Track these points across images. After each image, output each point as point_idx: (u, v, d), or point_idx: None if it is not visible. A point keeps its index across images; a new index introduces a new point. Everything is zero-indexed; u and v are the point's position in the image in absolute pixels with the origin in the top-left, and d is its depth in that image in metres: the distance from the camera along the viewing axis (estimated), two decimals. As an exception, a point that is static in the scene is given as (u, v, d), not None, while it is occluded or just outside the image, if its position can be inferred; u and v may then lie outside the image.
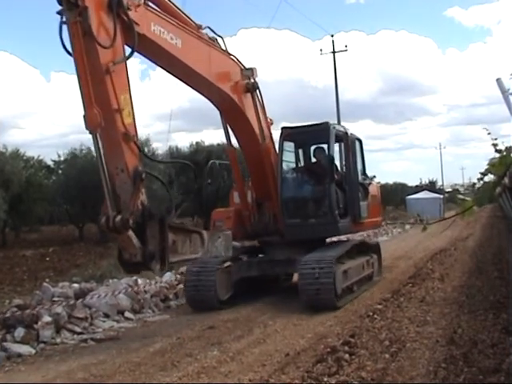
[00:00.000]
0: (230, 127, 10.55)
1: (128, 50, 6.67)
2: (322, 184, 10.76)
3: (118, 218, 6.02)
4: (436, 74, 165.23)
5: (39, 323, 8.27)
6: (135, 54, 6.82)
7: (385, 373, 5.88)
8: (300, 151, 12.65)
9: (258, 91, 10.21)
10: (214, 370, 6.53)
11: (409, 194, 56.36)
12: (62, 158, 27.48)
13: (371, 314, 8.82)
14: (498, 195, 10.56)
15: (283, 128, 11.12)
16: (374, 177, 14.23)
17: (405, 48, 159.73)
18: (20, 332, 8.03)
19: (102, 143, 6.14)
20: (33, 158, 28.23)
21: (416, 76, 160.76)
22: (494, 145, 5.22)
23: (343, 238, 12.40)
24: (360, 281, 11.26)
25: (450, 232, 24.65)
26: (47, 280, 12.96)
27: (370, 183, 12.39)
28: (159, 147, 27.68)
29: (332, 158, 10.71)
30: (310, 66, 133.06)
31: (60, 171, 28.05)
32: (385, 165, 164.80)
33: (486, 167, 5.16)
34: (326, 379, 5.77)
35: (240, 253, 11.29)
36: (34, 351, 7.82)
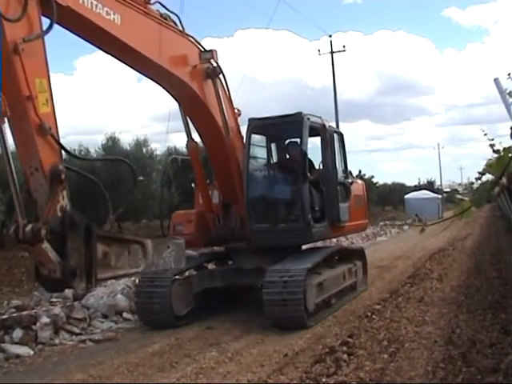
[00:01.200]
0: (190, 119, 9.34)
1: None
2: (295, 184, 9.30)
3: (29, 227, 4.93)
4: (434, 74, 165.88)
5: (38, 324, 8.26)
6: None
7: (383, 373, 5.89)
8: (273, 146, 11.31)
9: (221, 77, 8.87)
10: (213, 370, 6.52)
11: (407, 194, 56.34)
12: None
13: (369, 314, 8.82)
14: (497, 195, 10.58)
15: (250, 119, 9.61)
16: (361, 176, 13.55)
17: (402, 48, 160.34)
18: (18, 333, 8.02)
19: (13, 137, 5.21)
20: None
21: (414, 76, 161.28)
22: (491, 145, 5.22)
23: (322, 243, 11.39)
24: (340, 293, 10.01)
25: (448, 232, 24.66)
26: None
27: (352, 182, 10.95)
28: (157, 148, 27.67)
29: (305, 154, 9.11)
30: (308, 67, 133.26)
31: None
32: (383, 165, 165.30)
33: (484, 167, 5.17)
34: (324, 380, 5.77)
35: (204, 261, 10.26)
36: (32, 352, 7.79)
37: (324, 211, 9.65)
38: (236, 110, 9.68)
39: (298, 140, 9.61)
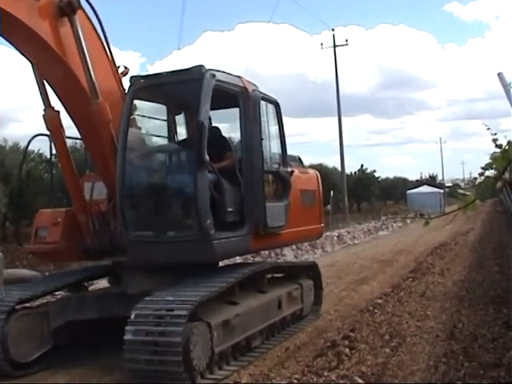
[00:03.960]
0: (45, 79, 6.70)
1: None
2: (190, 173, 6.22)
3: None
4: (435, 68, 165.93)
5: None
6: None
7: (385, 367, 5.88)
8: (181, 118, 8.29)
9: (93, 16, 6.44)
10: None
11: (409, 189, 56.39)
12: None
13: (371, 308, 8.81)
14: (499, 190, 10.54)
15: (132, 78, 6.69)
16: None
17: (404, 42, 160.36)
18: None
19: None
20: (33, 151, 28.20)
21: (415, 70, 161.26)
22: (494, 140, 5.20)
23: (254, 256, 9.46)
24: (270, 328, 7.25)
25: (450, 226, 24.60)
26: (47, 274, 12.93)
27: (292, 172, 7.60)
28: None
29: (201, 127, 5.96)
30: (310, 61, 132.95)
31: (60, 165, 27.93)
32: (385, 159, 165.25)
33: (488, 161, 5.15)
34: (326, 373, 5.76)
35: (82, 278, 7.53)
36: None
37: (243, 213, 6.75)
38: (122, 68, 7.10)
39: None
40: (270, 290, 7.36)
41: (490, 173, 5.54)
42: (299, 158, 8.90)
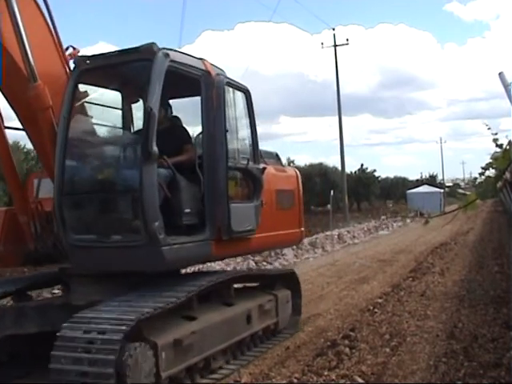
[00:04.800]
0: None
1: None
2: (137, 167, 5.32)
3: None
4: (435, 68, 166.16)
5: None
6: None
7: (385, 367, 5.89)
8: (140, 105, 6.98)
9: None
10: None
11: (409, 189, 56.40)
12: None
13: (371, 307, 8.82)
14: (499, 190, 10.54)
15: (77, 58, 5.97)
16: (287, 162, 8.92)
17: (404, 42, 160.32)
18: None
19: None
20: (33, 150, 28.19)
21: (415, 70, 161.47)
22: (495, 140, 5.20)
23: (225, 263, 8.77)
24: (239, 346, 6.44)
25: (450, 226, 24.59)
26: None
27: (264, 169, 6.67)
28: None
29: (149, 114, 5.17)
30: (310, 60, 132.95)
31: None
32: (385, 159, 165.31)
33: (488, 161, 5.15)
34: (326, 373, 5.77)
35: (24, 286, 6.51)
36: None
37: (204, 216, 5.89)
38: (70, 49, 6.34)
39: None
40: (237, 303, 6.44)
41: (490, 172, 5.53)
42: (277, 155, 8.08)
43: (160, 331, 5.08)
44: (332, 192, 21.36)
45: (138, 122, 6.93)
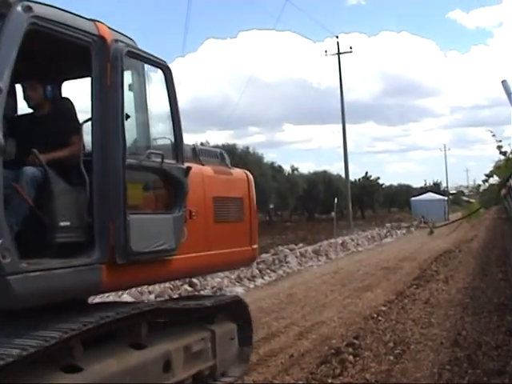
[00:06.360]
0: None
1: None
2: None
3: None
4: (438, 75, 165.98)
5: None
6: None
7: (389, 374, 5.89)
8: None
9: None
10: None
11: (413, 196, 56.35)
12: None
13: (375, 315, 8.82)
14: (503, 197, 10.56)
15: None
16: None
17: (407, 50, 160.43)
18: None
19: None
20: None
21: (418, 78, 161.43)
22: (499, 147, 5.24)
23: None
24: None
25: (454, 234, 24.63)
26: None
27: (188, 169, 5.01)
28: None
29: None
30: (313, 68, 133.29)
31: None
32: (389, 166, 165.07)
33: (492, 169, 5.19)
34: (330, 381, 5.78)
35: None
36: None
37: (91, 231, 4.28)
38: None
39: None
40: (152, 344, 4.63)
41: (494, 180, 5.57)
42: (221, 154, 6.31)
43: None
44: (336, 200, 21.36)
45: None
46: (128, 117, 4.50)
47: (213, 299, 5.97)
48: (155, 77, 4.96)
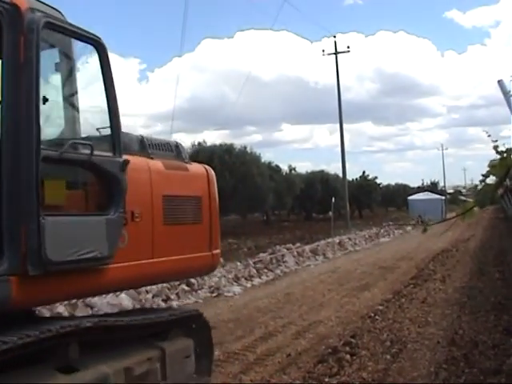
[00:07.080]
0: None
1: None
2: None
3: None
4: (435, 75, 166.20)
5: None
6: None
7: (386, 373, 5.90)
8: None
9: None
10: (216, 369, 6.53)
11: (410, 195, 56.47)
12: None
13: (372, 314, 8.83)
14: (500, 197, 10.59)
15: None
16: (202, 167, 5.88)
17: (404, 49, 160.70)
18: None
19: None
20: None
21: (416, 77, 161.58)
22: (495, 147, 5.24)
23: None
24: None
25: (451, 233, 24.63)
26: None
27: (125, 163, 4.20)
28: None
29: None
30: (310, 67, 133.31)
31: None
32: (386, 166, 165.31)
33: (488, 169, 5.19)
34: (327, 380, 5.78)
35: None
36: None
37: (1, 237, 3.48)
38: None
39: None
40: (86, 366, 3.89)
41: (490, 180, 5.57)
42: (177, 146, 5.51)
43: None
44: (333, 199, 21.40)
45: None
46: (46, 100, 3.77)
47: (166, 313, 5.15)
48: (93, 56, 4.17)
